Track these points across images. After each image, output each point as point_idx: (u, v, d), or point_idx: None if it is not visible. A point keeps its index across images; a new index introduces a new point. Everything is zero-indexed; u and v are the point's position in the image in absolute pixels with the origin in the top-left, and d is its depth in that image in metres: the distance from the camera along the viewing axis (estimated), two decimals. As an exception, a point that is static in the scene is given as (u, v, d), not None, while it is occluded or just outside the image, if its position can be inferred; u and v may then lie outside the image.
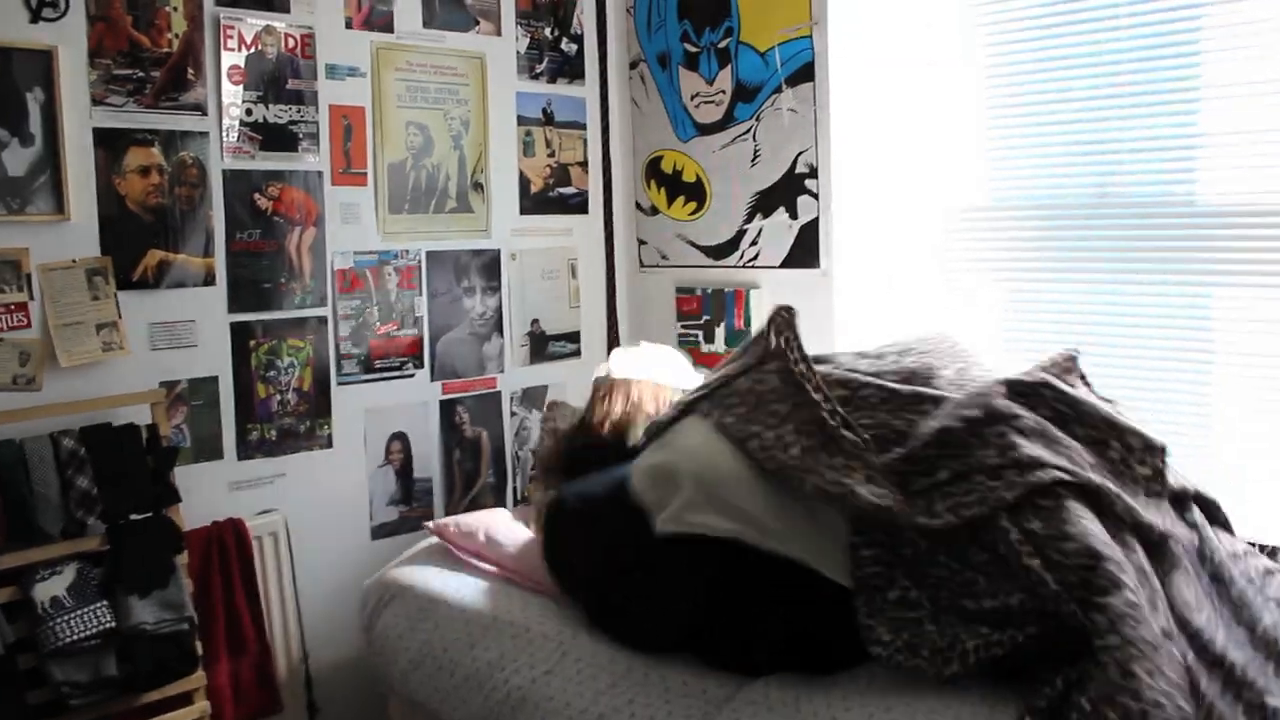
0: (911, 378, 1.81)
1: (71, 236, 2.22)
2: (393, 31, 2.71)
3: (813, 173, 2.74)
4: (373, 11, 2.66)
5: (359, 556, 2.68)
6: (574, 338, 3.15)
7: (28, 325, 2.16)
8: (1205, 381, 2.32)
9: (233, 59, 2.43)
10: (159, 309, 2.35)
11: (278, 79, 2.50)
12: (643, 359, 2.56)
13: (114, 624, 2.05)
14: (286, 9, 2.51)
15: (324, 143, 2.59)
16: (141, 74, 2.30)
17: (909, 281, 2.80)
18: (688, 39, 2.98)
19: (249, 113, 2.46)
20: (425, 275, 2.79)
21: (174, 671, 2.13)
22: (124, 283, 2.29)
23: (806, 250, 2.77)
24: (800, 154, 2.75)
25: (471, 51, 2.86)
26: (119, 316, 2.26)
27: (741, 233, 2.93)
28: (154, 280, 2.34)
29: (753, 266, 2.91)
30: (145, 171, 2.31)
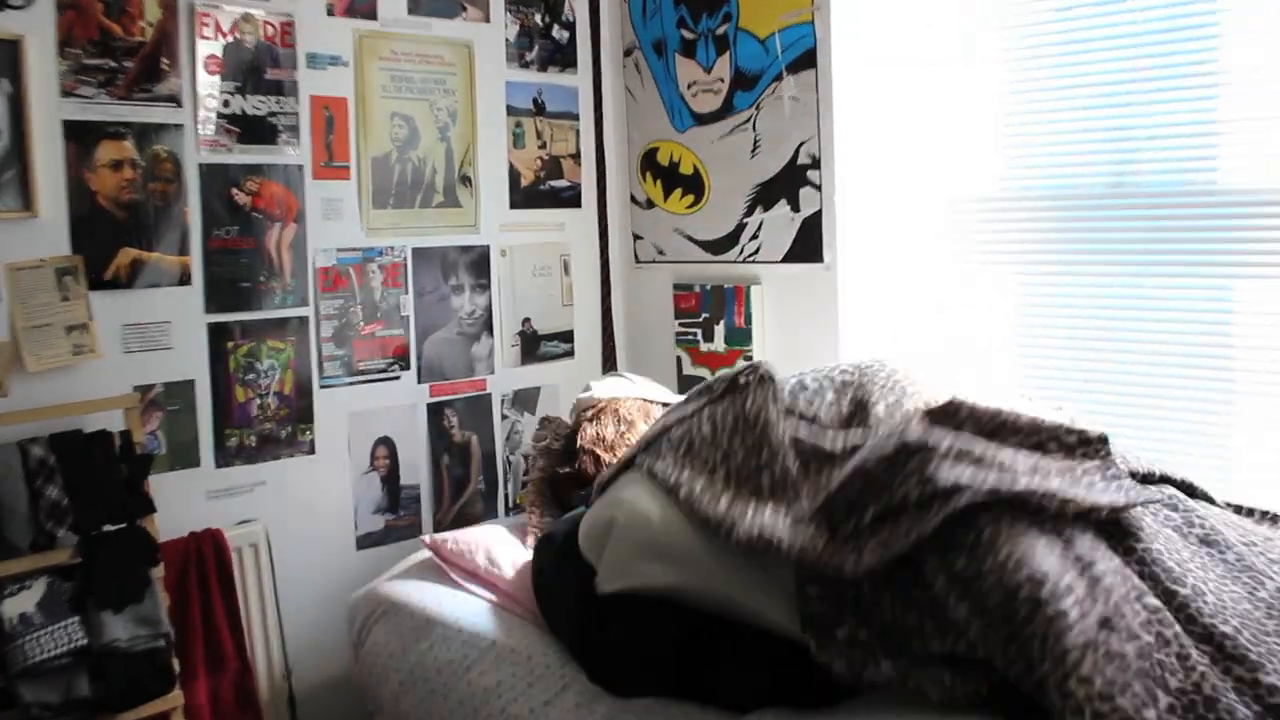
0: (849, 420, 1.87)
1: (40, 234, 2.21)
2: (376, 19, 2.71)
3: (815, 163, 2.73)
4: (355, -2, 2.67)
5: (344, 568, 2.67)
6: (567, 337, 3.14)
7: (-6, 328, 2.15)
8: (1228, 378, 2.31)
9: (209, 48, 2.42)
10: (132, 310, 2.34)
11: (256, 69, 2.50)
12: (624, 384, 2.57)
13: (86, 641, 2.03)
14: (264, -5, 2.51)
15: (305, 135, 2.58)
16: (113, 64, 2.29)
17: (916, 276, 2.79)
18: (684, 25, 2.98)
19: (226, 104, 2.45)
20: (411, 273, 2.78)
21: (149, 691, 2.11)
22: (95, 283, 2.28)
23: (809, 244, 2.77)
24: (802, 144, 2.75)
25: (459, 39, 2.86)
26: (90, 318, 2.25)
27: (741, 226, 2.92)
28: (127, 280, 2.33)
29: (753, 261, 2.90)
30: (117, 166, 2.31)
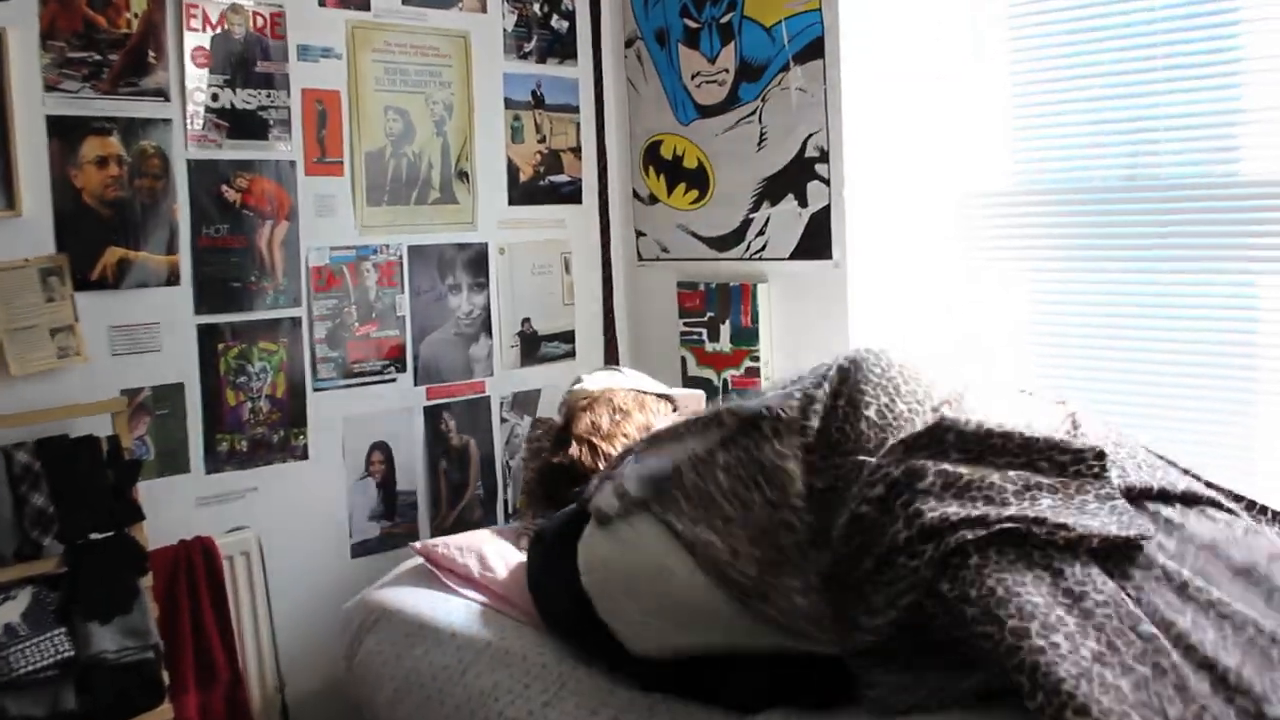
0: (842, 436, 1.81)
1: (23, 233, 2.20)
2: (369, 9, 2.70)
3: (824, 156, 2.72)
4: (347, -12, 2.67)
5: (338, 576, 2.67)
6: (568, 337, 3.13)
7: (-24, 330, 2.15)
8: (1250, 377, 2.30)
9: (197, 40, 2.41)
10: (119, 311, 2.34)
11: (246, 61, 2.49)
12: (616, 377, 2.58)
13: (72, 653, 2.02)
14: (254, -14, 2.51)
15: (296, 130, 2.58)
16: (98, 57, 2.28)
17: (928, 273, 2.78)
18: (687, 14, 2.97)
19: (215, 98, 2.45)
20: (407, 272, 2.78)
21: (138, 704, 2.10)
22: (81, 283, 2.27)
23: (818, 240, 2.76)
24: (810, 136, 2.74)
25: (455, 30, 2.85)
26: (76, 320, 2.24)
27: (747, 222, 2.91)
28: (114, 280, 2.33)
29: (760, 258, 2.90)
30: (103, 162, 2.30)
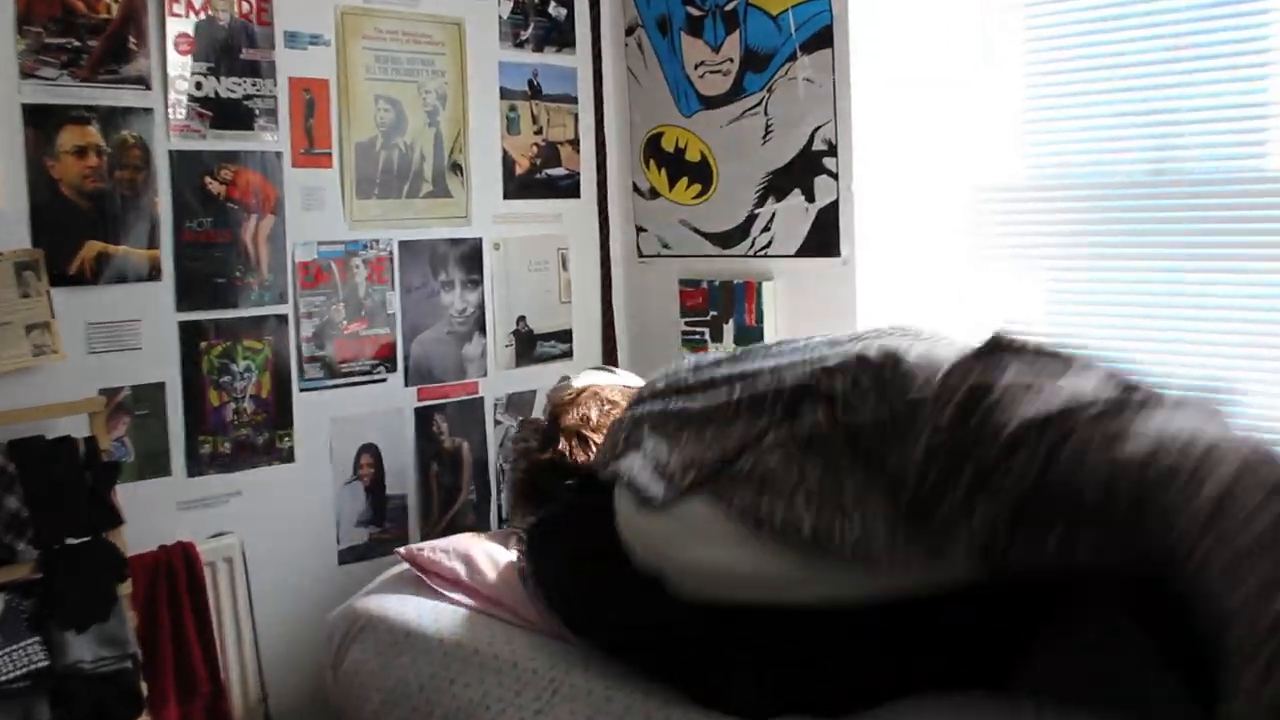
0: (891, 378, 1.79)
1: (-3, 226, 2.21)
2: (359, -5, 2.71)
3: (831, 150, 2.72)
4: (337, -28, 2.66)
5: (325, 584, 2.67)
6: (565, 337, 3.13)
7: (-52, 327, 2.14)
8: None
9: (180, 26, 2.41)
10: (98, 307, 2.34)
11: (230, 48, 2.49)
12: (604, 375, 2.59)
13: (47, 663, 2.03)
14: (240, -30, 2.51)
15: (283, 120, 2.58)
16: (77, 43, 2.28)
17: (939, 271, 2.78)
18: (690, 1, 2.96)
19: (198, 86, 2.44)
20: (398, 268, 2.78)
21: (115, 716, 2.10)
22: (58, 278, 2.26)
23: (825, 236, 2.76)
24: (817, 129, 2.74)
25: (448, 17, 2.85)
26: (52, 316, 2.24)
27: (752, 218, 2.91)
28: (92, 275, 2.32)
29: (765, 255, 2.89)
30: (81, 153, 2.30)
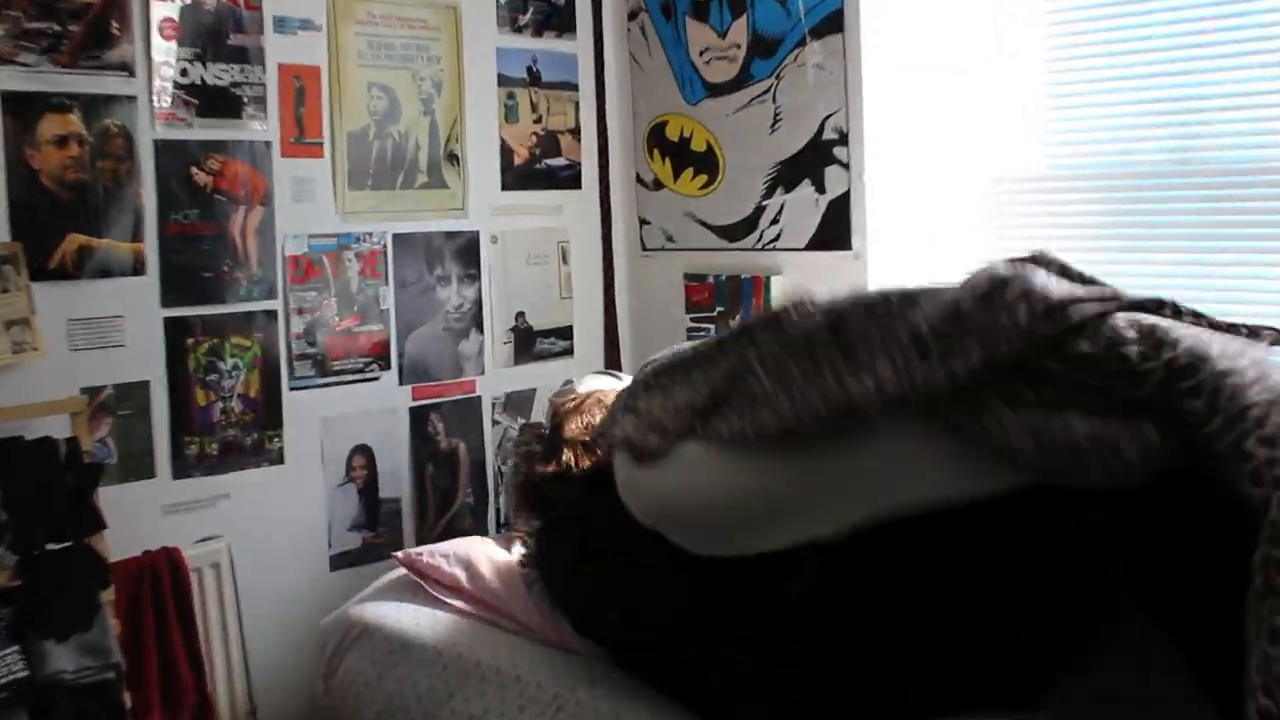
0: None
1: (-25, 219, 2.22)
2: (352, -22, 2.70)
3: (843, 139, 2.72)
4: (328, -46, 2.66)
5: (315, 591, 2.66)
6: (565, 333, 3.13)
7: (-76, 323, 2.14)
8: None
9: (165, 10, 2.41)
10: (80, 303, 2.33)
11: (218, 34, 2.49)
12: (608, 380, 2.59)
13: (27, 673, 2.02)
14: (227, -49, 2.51)
15: (272, 108, 2.57)
16: (58, 28, 2.28)
17: (954, 265, 2.74)
18: (695, -16, 2.98)
19: (184, 73, 2.44)
20: (392, 262, 2.77)
21: (98, 728, 2.11)
22: (38, 272, 2.26)
23: (836, 229, 2.76)
24: (828, 117, 2.74)
25: (444, 1, 2.85)
26: (32, 312, 2.24)
27: (760, 210, 2.90)
28: (74, 269, 2.32)
29: (773, 249, 2.90)
30: (62, 142, 2.29)
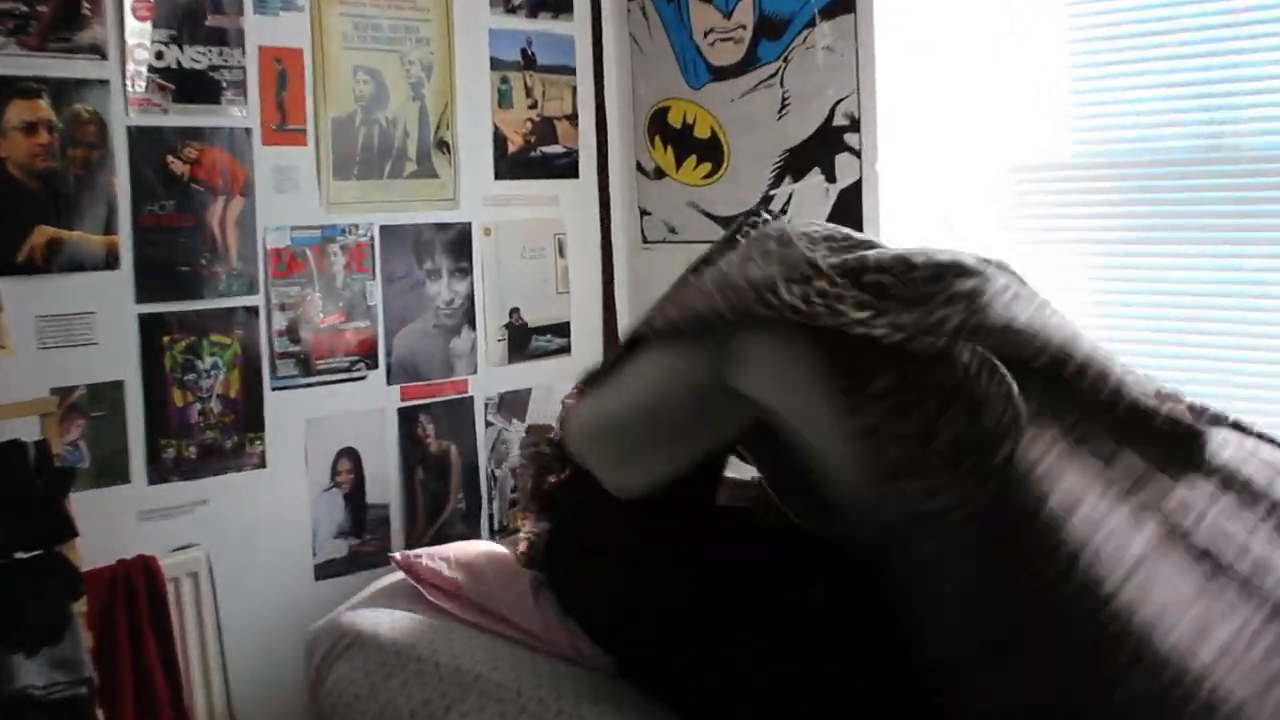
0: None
1: (-63, 209, 2.22)
2: (336, -45, 2.71)
3: (854, 125, 2.72)
4: (311, -69, 2.67)
5: (299, 601, 2.66)
6: (562, 330, 3.12)
7: (-117, 320, 2.15)
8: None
9: (138, -11, 2.43)
10: (49, 298, 2.33)
11: (194, 14, 2.48)
12: None
13: (-7, 689, 2.03)
14: (204, -73, 2.52)
15: (253, 93, 2.57)
16: (25, 8, 2.27)
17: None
18: (699, -38, 3.00)
19: (159, 56, 2.44)
20: (379, 255, 2.78)
21: (68, 747, 2.11)
22: (5, 266, 2.26)
23: (847, 219, 2.73)
24: (838, 102, 2.74)
25: (434, -20, 2.87)
26: (-1, 308, 2.25)
27: (767, 200, 2.90)
28: (43, 263, 2.31)
29: (781, 241, 2.87)
30: (31, 129, 2.28)
